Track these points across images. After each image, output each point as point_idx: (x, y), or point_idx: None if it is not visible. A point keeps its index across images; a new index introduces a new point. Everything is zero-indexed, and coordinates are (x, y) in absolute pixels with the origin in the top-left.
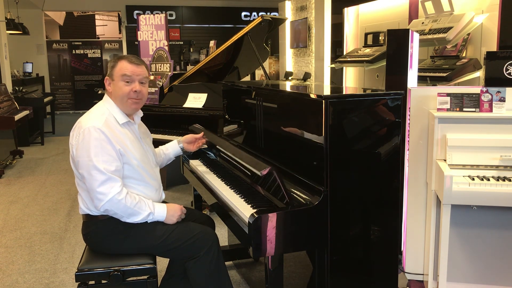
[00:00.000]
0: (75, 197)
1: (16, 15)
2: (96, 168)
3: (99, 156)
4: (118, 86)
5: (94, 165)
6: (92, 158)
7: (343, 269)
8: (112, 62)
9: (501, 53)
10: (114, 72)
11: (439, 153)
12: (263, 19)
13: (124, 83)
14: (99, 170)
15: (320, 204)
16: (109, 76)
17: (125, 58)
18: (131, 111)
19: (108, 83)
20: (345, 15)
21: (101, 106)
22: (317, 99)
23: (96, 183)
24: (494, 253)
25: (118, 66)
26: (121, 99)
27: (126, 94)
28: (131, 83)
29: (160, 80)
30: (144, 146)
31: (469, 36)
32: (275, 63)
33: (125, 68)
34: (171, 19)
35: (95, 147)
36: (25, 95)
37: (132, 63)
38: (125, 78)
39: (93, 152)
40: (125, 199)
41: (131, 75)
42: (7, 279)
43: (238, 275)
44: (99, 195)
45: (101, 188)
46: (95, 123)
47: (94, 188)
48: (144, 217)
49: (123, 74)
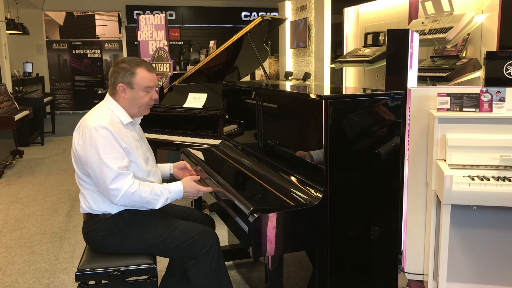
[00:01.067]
0: (75, 197)
1: (16, 15)
2: (107, 166)
3: (109, 153)
4: (139, 96)
5: (105, 163)
6: (102, 156)
7: (343, 269)
8: (128, 70)
9: (501, 53)
10: (134, 81)
11: (439, 153)
12: (263, 19)
13: (145, 93)
14: (110, 168)
15: (320, 204)
16: (127, 85)
17: (143, 66)
18: (144, 114)
19: (122, 89)
20: (345, 15)
21: (103, 107)
22: (317, 99)
23: (108, 180)
24: (494, 253)
25: (138, 75)
26: (139, 106)
27: (146, 103)
28: (151, 91)
29: (160, 80)
30: (144, 146)
31: (469, 36)
32: (275, 63)
33: (147, 78)
34: (171, 19)
35: (103, 145)
36: (25, 95)
37: (151, 72)
38: (147, 89)
39: (102, 150)
40: (139, 189)
41: (153, 86)
42: (7, 279)
43: (238, 275)
44: (113, 191)
45: (114, 185)
46: (101, 122)
47: (107, 186)
48: (162, 202)
49: (147, 86)
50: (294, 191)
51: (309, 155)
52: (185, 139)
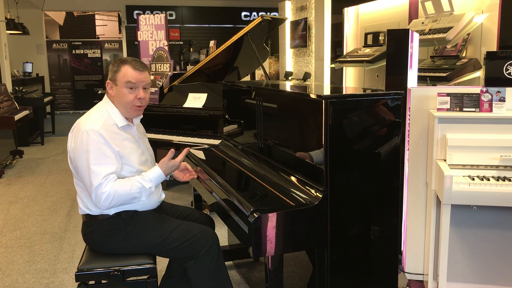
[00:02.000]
0: (75, 197)
1: (16, 15)
2: (93, 172)
3: (97, 159)
4: (122, 92)
5: (91, 169)
6: (90, 162)
7: (343, 269)
8: (115, 66)
9: (501, 53)
10: (117, 77)
11: (439, 153)
12: (263, 19)
13: (128, 89)
14: (96, 174)
15: (320, 204)
16: (111, 80)
17: (129, 63)
18: (134, 116)
19: (110, 86)
20: (345, 15)
21: (100, 108)
22: (317, 99)
23: (93, 186)
24: (494, 253)
25: (121, 71)
26: (124, 106)
27: (130, 102)
28: (135, 90)
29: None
30: (142, 146)
31: (469, 36)
32: (275, 63)
33: (129, 75)
34: (171, 19)
35: (93, 150)
36: (25, 95)
37: (136, 69)
38: (129, 85)
39: (92, 156)
40: (120, 189)
41: (135, 82)
42: (7, 279)
43: (238, 275)
44: (97, 197)
45: (98, 191)
46: (94, 126)
47: (92, 191)
48: (147, 193)
49: (127, 81)
50: (294, 191)
51: (309, 155)
52: (185, 139)
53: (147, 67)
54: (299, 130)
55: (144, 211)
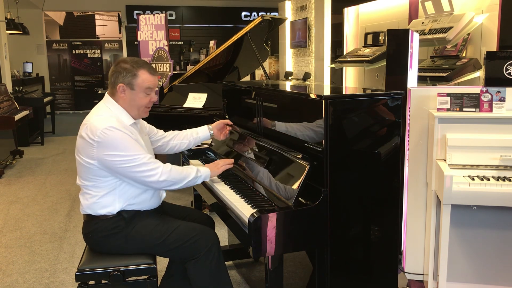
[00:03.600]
0: (75, 197)
1: (16, 15)
2: (132, 156)
3: (131, 146)
4: (139, 97)
5: (130, 155)
6: (127, 152)
7: (343, 269)
8: (130, 71)
9: (501, 53)
10: (135, 82)
11: (439, 153)
12: (263, 19)
13: (145, 94)
14: (137, 156)
15: (320, 204)
16: (126, 84)
17: (145, 68)
18: (144, 116)
19: (122, 89)
20: (345, 15)
21: (105, 108)
22: (317, 99)
23: (141, 166)
24: (494, 253)
25: (140, 77)
26: (138, 108)
27: (145, 104)
28: (151, 93)
29: (160, 80)
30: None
31: (469, 36)
32: (275, 63)
33: (148, 80)
34: (171, 19)
35: (122, 140)
36: (25, 95)
37: (152, 74)
38: (148, 90)
39: (123, 146)
40: (173, 167)
41: (153, 87)
42: (7, 279)
43: (238, 275)
44: (150, 171)
45: (149, 166)
46: (111, 123)
47: (143, 170)
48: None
49: (148, 87)
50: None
51: (309, 155)
52: None
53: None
54: (299, 130)
55: (144, 211)
